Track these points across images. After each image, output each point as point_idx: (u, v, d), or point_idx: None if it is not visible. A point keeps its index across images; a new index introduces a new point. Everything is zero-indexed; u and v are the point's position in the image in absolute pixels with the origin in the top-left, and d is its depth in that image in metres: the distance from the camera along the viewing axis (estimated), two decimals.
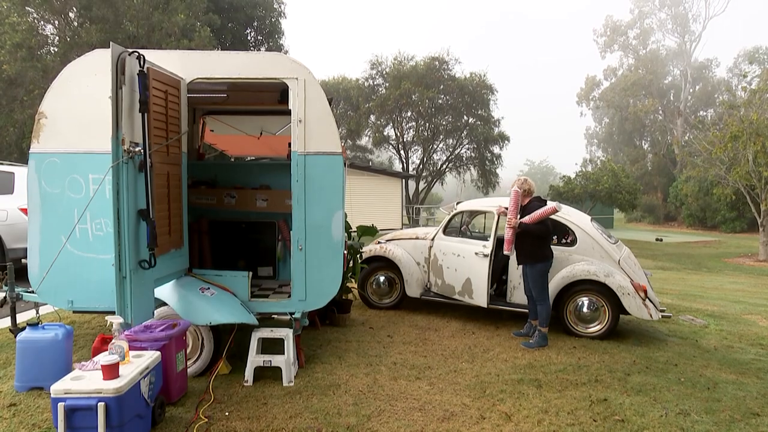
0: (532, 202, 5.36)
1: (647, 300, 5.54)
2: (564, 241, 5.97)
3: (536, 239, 5.20)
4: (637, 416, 3.63)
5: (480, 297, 5.82)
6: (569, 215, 6.08)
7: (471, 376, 4.34)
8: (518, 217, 5.23)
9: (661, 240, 26.40)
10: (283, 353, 4.06)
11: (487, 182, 32.06)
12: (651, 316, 5.49)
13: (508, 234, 5.23)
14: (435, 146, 32.33)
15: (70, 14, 19.06)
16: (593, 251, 5.80)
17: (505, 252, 5.28)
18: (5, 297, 4.38)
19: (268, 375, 4.10)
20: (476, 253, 5.84)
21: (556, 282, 5.72)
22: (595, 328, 5.66)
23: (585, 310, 5.68)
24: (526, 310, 5.93)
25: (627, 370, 4.60)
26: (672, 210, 41.03)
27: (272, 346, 4.26)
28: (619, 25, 45.94)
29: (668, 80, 46.92)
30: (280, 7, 25.30)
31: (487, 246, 5.78)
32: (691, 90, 45.00)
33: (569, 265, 5.76)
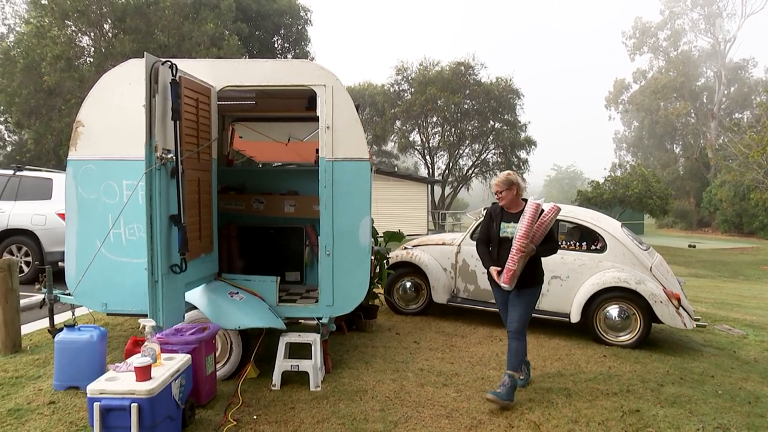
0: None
1: (681, 308, 5.39)
2: (593, 247, 5.86)
3: (538, 257, 4.01)
4: (672, 429, 3.52)
5: None
6: (599, 221, 5.98)
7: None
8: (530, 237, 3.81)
9: (695, 246, 25.66)
10: (311, 358, 4.08)
11: None
12: (685, 325, 5.34)
13: (514, 262, 3.79)
14: (461, 151, 32.19)
15: (105, 26, 19.71)
16: (624, 258, 5.68)
17: (504, 285, 3.89)
18: (44, 299, 4.53)
19: (295, 379, 4.12)
20: None
21: (585, 289, 5.63)
22: (626, 337, 5.53)
23: (615, 318, 5.55)
24: (555, 318, 5.85)
25: (660, 380, 4.48)
26: (706, 215, 39.90)
27: (299, 351, 4.29)
28: (648, 27, 45.07)
29: (701, 82, 45.75)
30: (306, 14, 25.64)
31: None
32: (725, 91, 43.76)
33: (599, 272, 5.66)
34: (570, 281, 5.79)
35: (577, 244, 5.95)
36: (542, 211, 3.85)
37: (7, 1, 26.59)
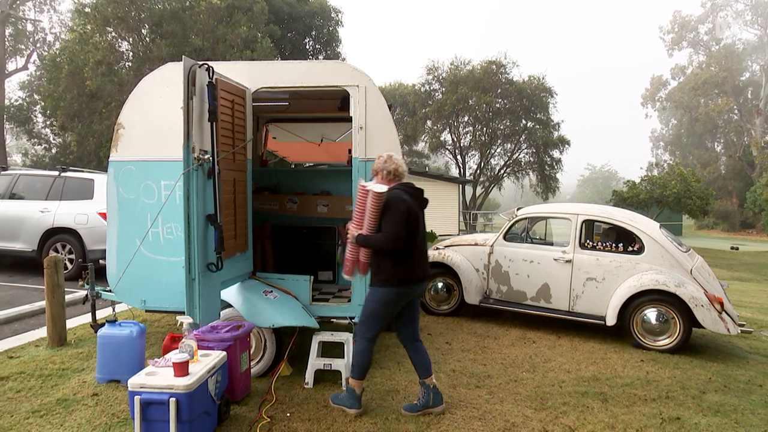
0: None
1: (724, 313, 5.20)
2: (630, 249, 5.71)
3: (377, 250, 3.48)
4: None
5: (561, 301, 5.89)
6: (636, 222, 5.83)
7: (532, 386, 4.22)
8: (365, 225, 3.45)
9: (737, 249, 24.68)
10: (343, 357, 4.11)
11: (547, 187, 31.17)
12: (728, 330, 5.15)
13: (348, 251, 3.58)
14: (492, 151, 31.81)
15: (143, 31, 20.29)
16: (662, 260, 5.52)
17: (345, 275, 3.69)
18: (87, 295, 4.70)
19: (328, 378, 4.16)
20: (555, 259, 5.91)
21: (622, 291, 5.49)
22: (664, 341, 5.36)
23: (653, 321, 5.39)
24: (590, 320, 5.73)
25: (702, 387, 4.32)
26: (750, 216, 38.29)
27: (332, 350, 4.32)
28: (688, 21, 43.52)
29: (745, 77, 43.86)
30: (337, 16, 25.80)
31: (567, 252, 5.86)
32: None
33: (636, 275, 5.52)
34: (606, 283, 5.66)
35: (613, 245, 5.81)
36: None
37: (54, 11, 27.81)
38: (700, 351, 5.47)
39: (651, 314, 5.41)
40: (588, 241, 5.97)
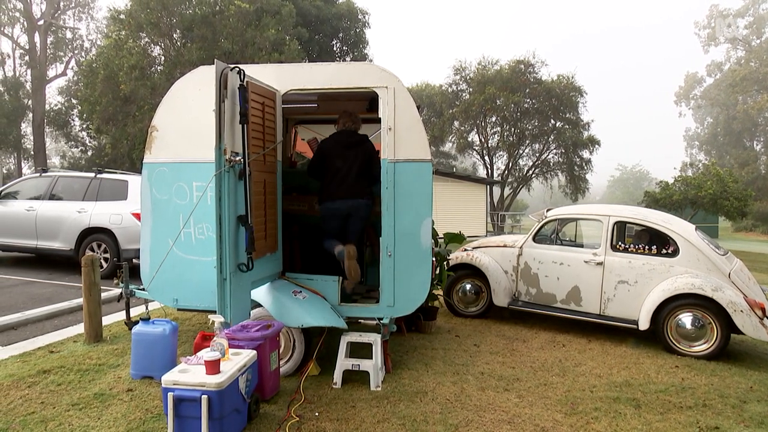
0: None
1: (765, 319, 5.01)
2: (664, 251, 5.56)
3: None
4: None
5: (591, 305, 5.80)
6: (670, 223, 5.67)
7: (562, 390, 4.15)
8: None
9: None
10: (371, 358, 4.11)
11: (576, 188, 30.63)
12: None
13: None
14: (521, 151, 31.44)
15: (174, 36, 20.77)
16: (698, 263, 5.35)
17: None
18: (122, 293, 4.83)
19: (355, 378, 4.17)
20: (586, 261, 5.82)
21: (655, 295, 5.35)
22: (700, 347, 5.20)
23: (689, 326, 5.23)
24: (622, 324, 5.60)
25: (742, 396, 4.17)
26: None
27: (360, 351, 4.33)
28: (726, 15, 42.13)
29: None
30: (364, 17, 25.92)
31: (598, 254, 5.77)
32: None
33: (670, 278, 5.36)
34: (638, 286, 5.53)
35: (646, 247, 5.66)
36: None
37: (91, 18, 28.80)
38: (739, 358, 5.29)
39: (686, 319, 5.25)
40: (620, 243, 5.84)
